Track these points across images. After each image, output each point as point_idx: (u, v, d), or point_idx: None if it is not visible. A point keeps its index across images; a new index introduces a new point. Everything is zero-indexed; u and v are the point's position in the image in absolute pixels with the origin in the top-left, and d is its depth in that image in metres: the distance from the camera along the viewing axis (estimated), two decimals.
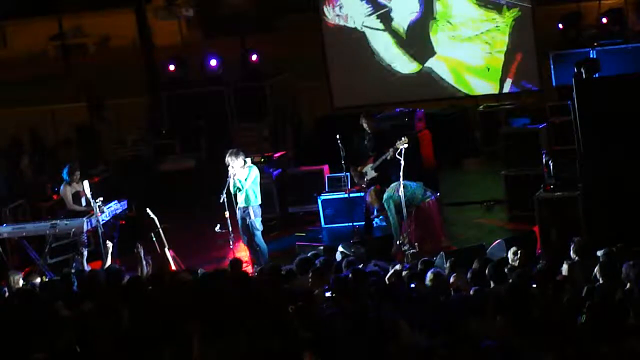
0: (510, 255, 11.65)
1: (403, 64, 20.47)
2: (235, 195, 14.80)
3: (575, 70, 15.51)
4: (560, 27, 19.50)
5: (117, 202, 15.59)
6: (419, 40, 20.31)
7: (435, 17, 20.11)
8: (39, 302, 11.00)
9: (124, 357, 9.33)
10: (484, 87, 20.18)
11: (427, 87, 20.30)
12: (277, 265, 12.22)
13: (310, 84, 22.15)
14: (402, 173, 14.41)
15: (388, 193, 14.88)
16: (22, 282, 12.34)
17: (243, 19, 24.31)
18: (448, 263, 11.96)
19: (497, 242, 13.48)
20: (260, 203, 15.02)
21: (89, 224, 14.88)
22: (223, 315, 9.66)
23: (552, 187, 14.27)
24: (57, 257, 15.68)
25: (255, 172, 15.00)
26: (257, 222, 14.94)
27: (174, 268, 14.41)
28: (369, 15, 20.54)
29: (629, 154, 13.34)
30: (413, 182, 14.98)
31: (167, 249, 14.67)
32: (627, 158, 13.37)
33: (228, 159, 14.78)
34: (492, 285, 10.63)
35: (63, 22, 29.52)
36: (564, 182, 14.25)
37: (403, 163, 14.33)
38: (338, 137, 15.78)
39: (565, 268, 11.00)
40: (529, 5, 19.43)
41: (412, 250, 14.21)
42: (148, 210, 14.89)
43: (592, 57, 17.94)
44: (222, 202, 14.58)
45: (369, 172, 15.91)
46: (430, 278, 10.92)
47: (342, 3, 20.68)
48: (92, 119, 22.42)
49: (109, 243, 14.54)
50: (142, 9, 22.98)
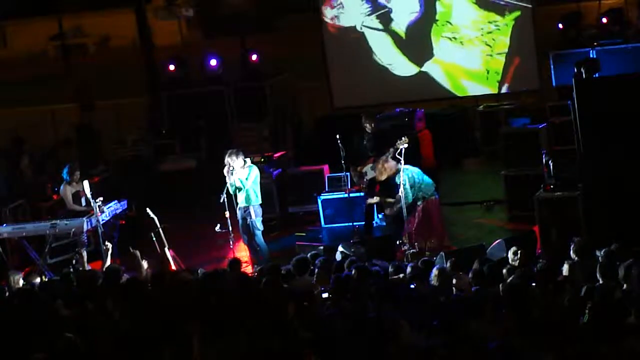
0: (510, 255, 11.65)
1: (401, 66, 20.46)
2: (235, 195, 14.81)
3: (575, 70, 15.51)
4: (560, 27, 19.50)
5: (117, 202, 15.59)
6: (418, 42, 20.30)
7: (436, 18, 20.11)
8: (39, 302, 10.99)
9: (124, 357, 9.32)
10: (482, 91, 20.20)
11: (427, 87, 20.30)
12: (277, 265, 12.21)
13: (310, 84, 22.14)
14: (402, 173, 14.40)
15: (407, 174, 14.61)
16: (22, 282, 12.33)
17: (243, 19, 24.29)
18: (448, 263, 11.95)
19: (497, 242, 13.48)
20: (261, 203, 15.03)
21: (89, 224, 14.88)
22: (222, 315, 9.66)
23: (552, 187, 14.27)
24: (57, 257, 15.69)
25: (256, 171, 15.01)
26: (257, 221, 14.95)
27: (174, 268, 14.41)
28: (369, 15, 20.54)
29: (629, 154, 13.34)
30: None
31: (167, 249, 14.67)
32: (627, 158, 13.36)
33: (228, 159, 14.77)
34: (491, 285, 10.62)
35: (63, 22, 29.50)
36: (564, 182, 14.25)
37: (403, 163, 14.32)
38: (338, 137, 15.80)
39: (566, 268, 10.99)
40: (529, 6, 19.44)
41: (412, 250, 14.21)
42: (148, 210, 14.89)
43: (592, 57, 17.94)
44: (222, 202, 14.59)
45: (369, 172, 15.91)
46: (435, 274, 11.00)
47: (341, 2, 20.69)
48: (83, 120, 22.41)
49: (108, 243, 14.54)
50: (142, 9, 22.97)
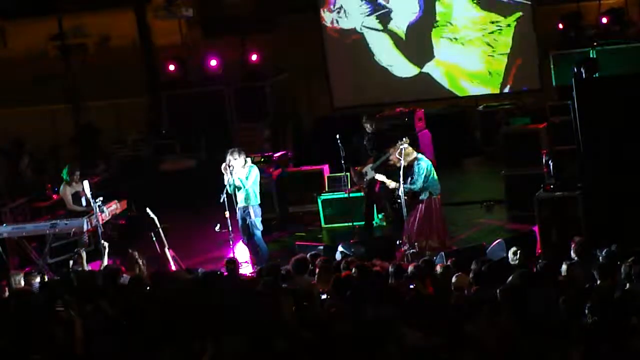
0: (510, 255, 11.65)
1: (401, 67, 20.45)
2: (235, 195, 14.81)
3: (575, 70, 15.53)
4: (560, 27, 19.49)
5: (117, 202, 15.59)
6: (419, 43, 20.29)
7: (436, 18, 20.10)
8: (39, 302, 10.99)
9: (124, 357, 9.32)
10: (483, 92, 20.20)
11: (427, 87, 20.30)
12: (277, 265, 12.21)
13: (310, 84, 22.13)
14: (402, 173, 14.40)
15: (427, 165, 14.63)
16: (23, 282, 12.33)
17: (243, 19, 24.24)
18: (448, 263, 11.95)
19: (497, 242, 13.49)
20: (260, 203, 15.03)
21: (89, 224, 14.88)
22: (221, 316, 9.65)
23: (552, 187, 14.27)
24: (57, 257, 15.69)
25: (256, 172, 15.01)
26: (257, 221, 14.94)
27: (174, 268, 14.41)
28: (368, 16, 20.54)
29: (629, 154, 13.34)
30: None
31: (167, 249, 14.67)
32: (627, 158, 13.36)
33: (229, 157, 14.77)
34: (491, 285, 10.61)
35: (63, 22, 29.42)
36: (564, 182, 14.25)
37: (403, 163, 14.32)
38: (338, 137, 15.80)
39: (565, 268, 10.99)
40: (529, 2, 19.42)
41: (412, 250, 14.20)
42: (148, 210, 14.89)
43: (592, 57, 17.94)
44: (222, 202, 14.59)
45: (369, 172, 15.92)
46: (440, 272, 11.02)
47: (341, 5, 20.67)
48: (76, 122, 22.43)
49: (105, 242, 14.51)
50: (142, 9, 22.97)
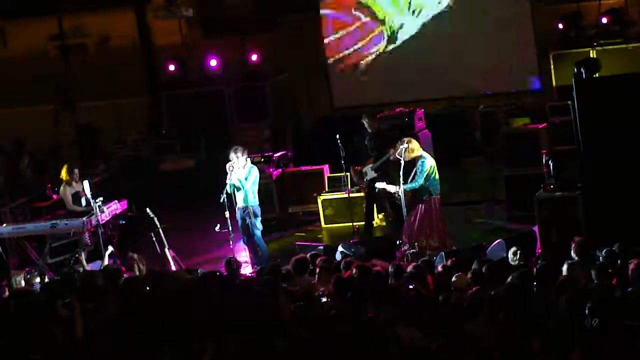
0: (510, 255, 11.65)
1: (400, 66, 20.49)
2: (234, 195, 14.80)
3: (575, 70, 15.50)
4: (560, 27, 19.49)
5: (117, 202, 15.59)
6: (419, 42, 20.35)
7: (436, 17, 20.18)
8: (39, 302, 10.98)
9: (124, 357, 9.32)
10: (484, 90, 20.23)
11: (427, 87, 20.31)
12: (277, 265, 12.21)
13: (310, 84, 22.13)
14: (402, 173, 14.39)
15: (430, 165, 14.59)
16: (23, 282, 12.33)
17: (243, 19, 24.25)
18: (448, 263, 11.95)
19: (497, 242, 13.48)
20: (259, 203, 15.02)
21: (89, 224, 14.89)
22: (220, 316, 9.64)
23: (552, 187, 14.26)
24: (57, 257, 15.68)
25: (255, 172, 15.00)
26: (257, 221, 14.94)
27: (174, 268, 14.41)
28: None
29: (629, 154, 13.33)
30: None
31: (167, 249, 14.67)
32: (627, 158, 13.36)
33: (233, 155, 14.77)
34: (491, 286, 10.62)
35: (63, 22, 29.43)
36: (564, 182, 14.25)
37: (403, 163, 14.32)
38: (338, 137, 15.80)
39: (565, 268, 10.99)
40: (529, 1, 19.46)
41: (412, 250, 14.19)
42: (148, 210, 14.89)
43: (592, 57, 17.94)
44: (222, 202, 14.59)
45: (369, 172, 15.92)
46: (440, 272, 10.99)
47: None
48: (56, 121, 22.44)
49: (110, 247, 14.52)
50: (142, 9, 22.98)
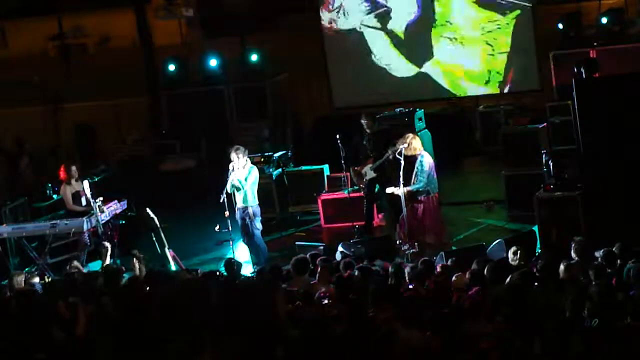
0: (510, 255, 11.64)
1: (400, 67, 20.45)
2: (234, 195, 14.80)
3: (575, 70, 15.51)
4: (560, 27, 19.49)
5: (117, 202, 15.59)
6: (418, 42, 20.27)
7: (435, 18, 20.10)
8: (39, 302, 10.99)
9: (124, 357, 9.32)
10: (483, 92, 20.19)
11: (426, 87, 20.29)
12: (277, 265, 12.22)
13: (310, 84, 22.13)
14: (402, 173, 14.38)
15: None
16: (23, 282, 12.32)
17: (243, 19, 24.28)
18: (448, 263, 11.95)
19: (497, 242, 13.47)
20: (258, 203, 15.01)
21: (89, 224, 14.89)
22: (220, 316, 9.64)
23: (552, 187, 14.26)
24: (57, 257, 15.69)
25: (255, 172, 15.00)
26: (256, 222, 14.94)
27: (174, 268, 14.41)
28: (368, 14, 20.53)
29: (629, 154, 13.34)
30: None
31: (167, 249, 14.67)
32: (627, 158, 13.36)
33: (233, 155, 14.77)
34: (491, 286, 10.62)
35: (63, 22, 29.46)
36: (564, 182, 14.25)
37: (403, 163, 14.31)
38: (338, 137, 15.80)
39: (565, 268, 10.98)
40: (529, 5, 19.43)
41: (412, 250, 14.19)
42: (148, 210, 14.88)
43: (592, 57, 17.93)
44: (222, 202, 14.59)
45: (369, 172, 15.91)
46: (439, 272, 11.00)
47: (341, 4, 20.66)
48: (44, 123, 22.44)
49: (107, 243, 14.50)
50: (142, 9, 22.97)
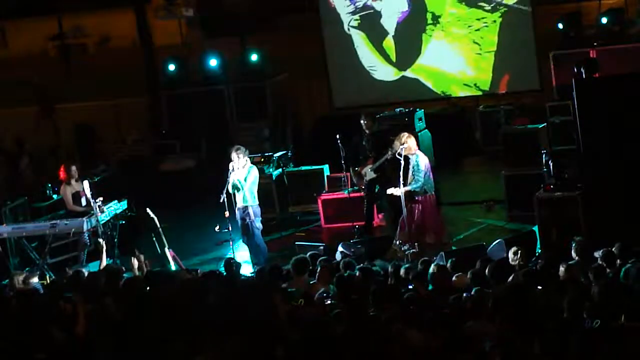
0: (510, 255, 11.65)
1: (384, 69, 20.44)
2: (234, 195, 14.81)
3: (575, 70, 15.51)
4: (560, 27, 19.49)
5: (117, 202, 15.59)
6: (406, 42, 20.27)
7: (423, 17, 20.07)
8: (40, 302, 10.99)
9: (124, 357, 9.32)
10: (474, 90, 20.21)
11: (416, 88, 20.29)
12: (277, 266, 12.22)
13: (310, 84, 22.13)
14: (401, 173, 14.39)
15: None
16: (23, 282, 12.31)
17: (243, 19, 24.30)
18: (448, 263, 11.95)
19: (497, 242, 13.48)
20: (259, 203, 15.02)
21: (89, 224, 14.89)
22: (220, 316, 9.64)
23: (552, 187, 14.26)
24: (57, 257, 15.69)
25: (255, 172, 15.00)
26: (256, 221, 14.94)
27: (174, 268, 14.41)
28: (354, 14, 20.50)
29: (629, 154, 13.34)
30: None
31: (167, 249, 14.66)
32: (627, 158, 13.36)
33: (234, 155, 14.78)
34: (492, 285, 10.62)
35: (63, 22, 29.49)
36: (564, 182, 14.25)
37: (403, 163, 14.32)
38: (338, 137, 15.80)
39: (565, 268, 10.99)
40: (526, 8, 19.42)
41: (412, 250, 14.19)
42: (148, 210, 14.88)
43: (592, 57, 17.93)
44: (222, 202, 14.59)
45: (368, 173, 15.90)
46: (433, 271, 11.00)
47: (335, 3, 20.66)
48: (38, 123, 22.41)
49: (101, 240, 14.45)
50: (142, 9, 22.98)
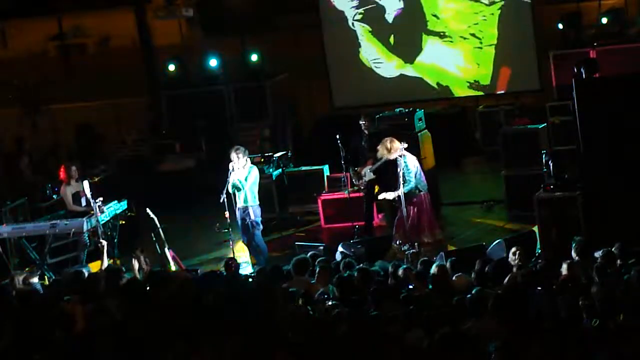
0: (511, 255, 11.65)
1: (386, 65, 20.44)
2: (235, 195, 14.81)
3: (575, 70, 15.50)
4: (560, 27, 19.49)
5: (117, 202, 15.59)
6: (406, 38, 20.26)
7: (421, 12, 20.06)
8: (40, 302, 10.99)
9: (124, 357, 9.32)
10: (475, 87, 20.19)
11: (417, 86, 20.28)
12: (277, 266, 12.22)
13: (310, 84, 22.13)
14: (401, 173, 14.38)
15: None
16: (23, 282, 12.31)
17: (243, 19, 24.30)
18: (448, 263, 11.94)
19: (497, 242, 13.48)
20: (259, 203, 15.01)
21: (89, 224, 14.88)
22: (220, 316, 9.65)
23: (552, 187, 14.26)
24: (57, 257, 15.68)
25: (255, 172, 15.00)
26: (257, 222, 14.94)
27: (174, 268, 14.40)
28: (358, 8, 20.49)
29: (629, 154, 13.33)
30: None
31: (167, 249, 14.66)
32: (627, 158, 13.36)
33: (234, 155, 14.77)
34: (492, 285, 10.62)
35: (63, 22, 29.51)
36: (564, 182, 14.25)
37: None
38: (338, 137, 15.80)
39: (565, 268, 10.99)
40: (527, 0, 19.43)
41: (412, 250, 14.19)
42: (148, 210, 14.87)
43: (592, 57, 17.93)
44: (222, 202, 14.59)
45: (368, 173, 15.90)
46: (434, 272, 10.99)
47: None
48: (23, 124, 22.40)
49: (103, 241, 14.44)
50: (142, 9, 22.97)
